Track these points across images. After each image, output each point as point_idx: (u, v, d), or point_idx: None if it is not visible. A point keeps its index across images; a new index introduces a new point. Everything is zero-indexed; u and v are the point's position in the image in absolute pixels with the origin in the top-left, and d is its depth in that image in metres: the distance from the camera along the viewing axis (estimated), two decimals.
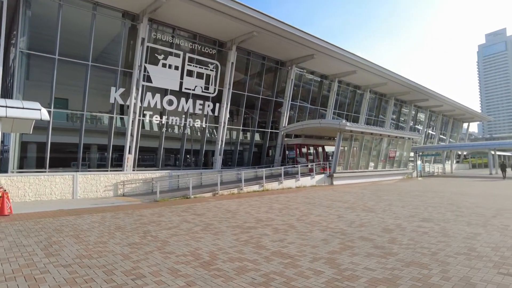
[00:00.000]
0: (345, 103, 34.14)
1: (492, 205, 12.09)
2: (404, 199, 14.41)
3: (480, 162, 62.25)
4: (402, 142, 30.53)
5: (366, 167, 26.69)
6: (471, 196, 15.46)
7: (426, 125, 48.23)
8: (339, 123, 22.81)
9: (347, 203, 12.94)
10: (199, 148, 22.98)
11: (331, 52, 25.10)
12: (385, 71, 31.03)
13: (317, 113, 30.91)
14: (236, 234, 7.48)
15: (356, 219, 9.38)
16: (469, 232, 7.61)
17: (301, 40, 22.71)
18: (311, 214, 10.24)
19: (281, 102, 27.28)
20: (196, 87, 21.78)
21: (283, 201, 13.74)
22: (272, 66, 26.44)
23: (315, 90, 30.67)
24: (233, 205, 12.41)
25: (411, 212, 10.70)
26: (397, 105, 42.04)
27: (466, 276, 4.77)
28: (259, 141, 27.04)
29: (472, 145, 48.43)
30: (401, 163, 31.44)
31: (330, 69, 29.21)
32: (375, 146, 27.41)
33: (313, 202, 13.20)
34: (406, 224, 8.67)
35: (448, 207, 11.65)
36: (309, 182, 21.59)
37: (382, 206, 12.07)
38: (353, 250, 6.14)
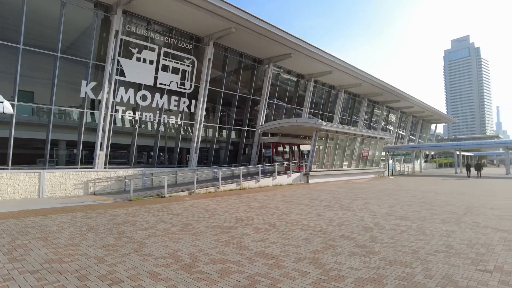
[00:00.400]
0: (320, 103, 34.55)
1: (462, 203, 12.56)
2: (379, 197, 14.70)
3: (445, 161, 65.27)
4: (374, 142, 31.32)
5: (340, 166, 27.14)
6: (441, 194, 16.03)
7: (397, 126, 49.81)
8: (316, 122, 23.01)
9: (324, 202, 13.02)
10: (174, 145, 22.44)
11: (308, 51, 25.25)
12: (360, 72, 31.66)
13: (293, 112, 31.07)
14: (216, 235, 7.26)
15: (335, 218, 9.41)
16: (445, 230, 7.80)
17: (279, 39, 22.66)
18: (290, 213, 10.17)
19: (258, 100, 27.16)
20: (171, 83, 21.21)
21: (261, 199, 13.62)
22: (250, 64, 26.26)
23: (292, 90, 30.81)
24: (211, 204, 12.15)
25: (387, 210, 10.90)
26: (370, 106, 43.08)
27: (447, 273, 4.83)
28: (236, 139, 26.81)
29: (440, 146, 50.63)
30: (373, 162, 32.26)
31: (306, 68, 29.42)
32: (349, 145, 27.93)
33: (291, 201, 13.18)
34: (384, 222, 8.78)
35: (422, 206, 11.98)
36: (286, 180, 21.63)
37: (359, 205, 12.23)
38: (336, 250, 6.10)
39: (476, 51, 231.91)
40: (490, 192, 16.97)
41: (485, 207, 11.44)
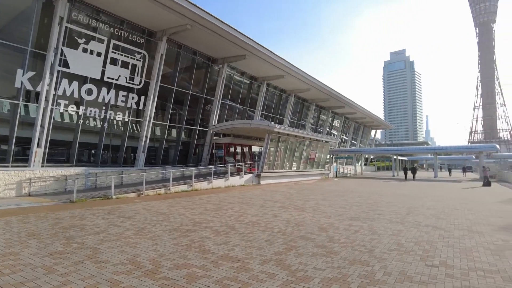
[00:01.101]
0: (272, 106, 35.19)
1: (403, 204, 13.58)
2: (328, 198, 15.33)
3: (383, 165, 70.31)
4: (321, 145, 32.67)
5: (290, 167, 27.86)
6: (384, 195, 17.19)
7: (341, 130, 52.53)
8: (268, 124, 23.36)
9: (278, 203, 13.24)
10: (120, 143, 21.29)
11: (263, 55, 25.57)
12: (310, 78, 32.85)
13: (245, 113, 31.23)
14: (175, 238, 6.98)
15: (291, 219, 9.60)
16: (393, 229, 8.35)
17: (234, 39, 22.63)
18: (247, 214, 10.17)
19: (210, 100, 26.83)
20: (120, 77, 20.11)
21: (215, 201, 13.44)
22: (204, 63, 25.86)
23: (245, 91, 30.95)
24: (163, 207, 11.69)
25: (338, 211, 11.39)
26: (317, 111, 44.90)
27: (402, 270, 5.17)
28: (186, 139, 26.19)
29: (379, 150, 54.45)
30: (319, 164, 33.62)
31: (260, 71, 29.77)
32: (298, 148, 28.79)
33: (246, 202, 13.19)
34: (338, 223, 9.15)
35: (369, 206, 12.72)
36: (238, 181, 21.64)
37: (311, 205, 12.63)
38: (298, 250, 6.21)
39: (411, 64, 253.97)
40: (425, 194, 18.59)
41: (423, 208, 12.49)
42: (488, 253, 6.24)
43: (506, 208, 12.83)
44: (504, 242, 7.11)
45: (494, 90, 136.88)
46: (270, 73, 30.18)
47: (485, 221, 9.63)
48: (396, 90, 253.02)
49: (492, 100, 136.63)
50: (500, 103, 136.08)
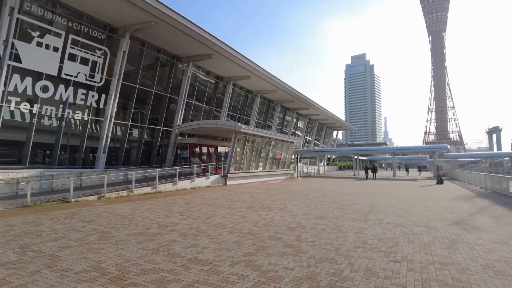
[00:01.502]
0: (238, 106, 35.15)
1: (365, 202, 14.11)
2: (294, 198, 15.57)
3: (344, 164, 72.76)
4: (286, 145, 33.16)
5: (256, 167, 27.99)
6: (346, 194, 17.77)
7: (304, 131, 53.64)
8: (235, 125, 23.30)
9: (246, 203, 13.24)
10: (79, 144, 20.24)
11: (230, 55, 25.44)
12: (276, 80, 33.21)
13: (211, 113, 30.93)
14: (141, 242, 6.74)
15: (260, 219, 9.64)
16: (357, 227, 8.65)
17: (201, 38, 22.31)
18: (215, 216, 10.06)
19: (175, 99, 26.27)
20: (79, 74, 19.11)
21: (181, 203, 13.17)
22: (168, 61, 25.26)
23: (210, 91, 30.63)
24: (126, 210, 11.25)
25: (304, 210, 11.61)
26: (282, 112, 45.51)
27: (368, 266, 5.37)
28: (150, 139, 25.46)
29: (341, 150, 56.28)
30: (285, 164, 34.11)
31: (226, 71, 29.62)
32: (264, 148, 28.99)
33: (213, 204, 13.06)
34: (304, 222, 9.32)
35: (333, 205, 13.08)
36: (204, 182, 21.37)
37: (278, 205, 12.77)
38: (267, 250, 6.24)
39: (371, 68, 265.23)
40: (385, 192, 19.45)
41: (384, 206, 13.06)
42: (443, 247, 6.65)
43: (456, 204, 13.75)
44: (457, 236, 7.61)
45: (445, 94, 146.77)
46: (237, 73, 30.14)
47: (439, 217, 10.26)
48: (356, 92, 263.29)
49: (443, 103, 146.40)
50: (450, 106, 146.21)
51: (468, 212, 11.55)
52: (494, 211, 12.12)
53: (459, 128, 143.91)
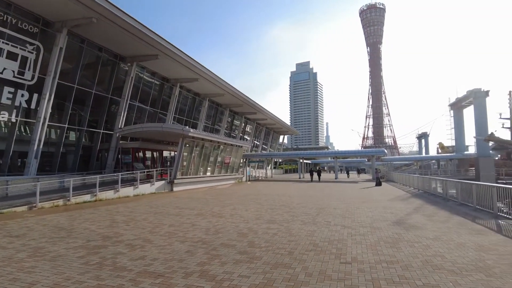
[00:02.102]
0: (185, 109, 34.31)
1: (312, 205, 14.53)
2: (244, 202, 15.51)
3: (290, 168, 74.78)
4: (235, 150, 33.12)
5: (204, 172, 27.49)
6: (294, 197, 18.17)
7: (253, 135, 54.12)
8: (183, 129, 22.64)
9: (195, 210, 12.86)
10: (5, 148, 18.16)
11: (177, 56, 24.74)
12: (225, 84, 33.07)
13: (156, 116, 29.78)
14: (82, 257, 6.13)
15: (210, 226, 9.39)
16: (307, 230, 8.82)
17: (146, 38, 21.40)
18: (163, 225, 9.59)
19: (117, 100, 24.85)
20: (5, 70, 17.19)
21: (125, 212, 12.37)
22: (110, 60, 23.83)
23: (156, 93, 29.51)
24: (63, 221, 10.26)
25: (255, 214, 11.59)
26: (230, 116, 45.45)
27: (321, 269, 5.48)
28: (88, 143, 23.74)
29: (288, 154, 57.76)
30: (233, 168, 34.02)
31: (173, 73, 28.77)
32: (213, 152, 28.61)
33: (160, 211, 12.47)
34: (256, 227, 9.28)
35: (282, 209, 13.25)
36: (149, 189, 20.40)
37: (229, 211, 12.59)
38: (221, 259, 6.06)
39: (314, 75, 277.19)
40: (329, 194, 20.25)
41: (330, 208, 13.55)
42: (388, 246, 7.04)
43: (394, 205, 14.76)
44: (398, 235, 8.12)
45: (381, 101, 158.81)
46: (184, 75, 29.42)
47: (381, 218, 10.90)
48: (301, 98, 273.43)
49: (380, 110, 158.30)
50: (386, 113, 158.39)
51: (406, 212, 12.43)
52: (426, 209, 13.21)
53: (393, 134, 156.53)
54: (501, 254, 6.41)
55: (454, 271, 5.32)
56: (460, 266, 5.61)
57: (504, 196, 10.77)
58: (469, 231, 8.77)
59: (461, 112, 50.66)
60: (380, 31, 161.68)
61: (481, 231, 8.75)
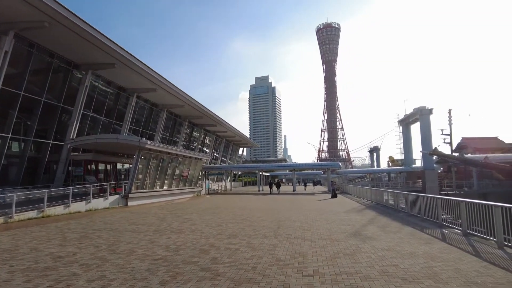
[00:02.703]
0: (141, 120, 33.27)
1: (273, 218, 14.65)
2: (204, 217, 15.25)
3: (249, 180, 74.99)
4: (194, 162, 32.57)
5: (161, 186, 26.65)
6: (254, 210, 18.20)
7: (212, 148, 53.66)
8: (139, 140, 21.87)
9: (152, 226, 12.40)
10: None
11: (134, 65, 24.03)
12: (184, 95, 32.62)
13: (111, 127, 28.54)
14: (31, 281, 5.63)
15: (170, 243, 9.10)
16: (269, 244, 8.88)
17: (102, 46, 20.60)
18: (120, 242, 9.12)
19: (70, 110, 23.48)
20: None
21: (77, 229, 11.60)
22: (63, 67, 22.56)
23: (111, 103, 28.34)
24: (5, 241, 9.36)
25: (216, 229, 11.43)
26: (189, 127, 44.79)
27: (285, 283, 5.55)
28: (35, 154, 22.08)
29: (247, 167, 57.87)
30: (192, 182, 33.35)
31: (130, 82, 27.87)
32: (171, 165, 27.88)
33: (116, 228, 11.85)
34: (218, 242, 9.16)
35: (243, 222, 13.22)
36: (102, 204, 19.33)
37: (188, 226, 12.30)
38: (184, 277, 5.90)
39: (273, 89, 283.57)
40: (288, 207, 20.56)
41: (290, 221, 13.76)
42: (347, 258, 7.30)
43: (351, 217, 15.35)
44: (356, 247, 8.46)
45: (336, 116, 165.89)
46: (142, 85, 28.61)
47: (339, 230, 11.28)
48: (260, 111, 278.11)
49: (334, 125, 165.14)
50: (340, 127, 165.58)
51: (361, 224, 12.98)
52: (380, 221, 13.90)
53: (347, 147, 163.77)
54: (446, 261, 6.97)
55: (407, 279, 5.68)
56: (412, 274, 6.00)
57: (448, 207, 11.69)
58: (419, 240, 9.37)
59: (409, 128, 54.45)
60: (335, 49, 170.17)
61: (429, 240, 9.40)
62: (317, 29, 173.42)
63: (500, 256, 7.46)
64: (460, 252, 7.92)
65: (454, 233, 10.44)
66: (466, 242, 9.06)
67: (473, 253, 7.82)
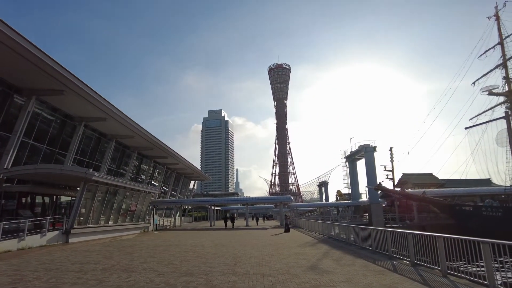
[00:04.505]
0: (87, 150, 31.33)
1: (228, 254, 14.25)
2: (155, 255, 14.40)
3: (199, 215, 72.77)
4: (143, 196, 31.04)
5: (106, 221, 24.86)
6: (208, 247, 17.56)
7: (162, 181, 51.73)
8: (86, 172, 20.48)
9: (99, 264, 11.40)
10: None
11: (85, 93, 22.87)
12: (135, 125, 31.54)
13: (53, 157, 26.44)
14: None
15: (122, 283, 8.41)
16: (228, 281, 8.58)
17: (51, 71, 19.48)
18: (62, 284, 8.21)
19: (6, 136, 21.47)
20: None
21: (9, 271, 10.24)
22: (3, 91, 20.83)
23: (55, 131, 26.47)
24: None
25: (170, 268, 10.81)
26: (138, 159, 43.01)
27: None
28: None
29: (198, 201, 56.33)
30: (139, 217, 31.53)
31: (78, 110, 26.43)
32: (117, 199, 26.27)
33: (56, 268, 10.68)
34: (174, 281, 8.66)
35: (197, 260, 12.67)
36: (38, 241, 17.43)
37: (139, 264, 11.52)
38: None
39: (226, 123, 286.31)
40: (242, 242, 20.19)
41: (246, 256, 13.48)
42: None
43: (305, 251, 15.49)
44: (315, 281, 8.53)
45: (286, 151, 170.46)
46: (91, 114, 27.21)
47: (296, 264, 11.29)
48: (212, 144, 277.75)
49: (285, 159, 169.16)
50: (290, 162, 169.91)
51: (316, 257, 13.14)
52: (333, 254, 14.19)
53: (297, 181, 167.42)
54: None
55: None
56: None
57: (396, 239, 12.32)
58: (373, 272, 9.70)
59: (354, 164, 57.57)
60: (285, 88, 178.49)
61: (382, 272, 9.76)
62: (269, 69, 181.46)
63: (445, 284, 7.99)
64: (411, 282, 8.33)
65: (403, 264, 10.97)
66: (415, 272, 9.55)
67: (422, 282, 8.31)
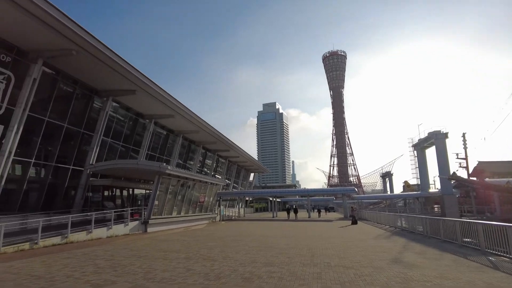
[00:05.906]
0: (157, 146, 33.33)
1: (301, 245, 14.10)
2: (229, 244, 14.78)
3: (260, 206, 73.87)
4: (210, 188, 32.21)
5: (179, 212, 26.24)
6: (278, 237, 17.63)
7: (224, 173, 53.33)
8: (160, 166, 21.76)
9: (181, 253, 11.99)
10: None
11: (154, 92, 24.25)
12: (201, 121, 32.77)
13: (128, 153, 28.55)
14: None
15: (208, 271, 8.69)
16: (312, 272, 8.41)
17: (125, 73, 20.89)
18: (155, 270, 8.74)
19: (90, 135, 23.63)
20: None
21: (105, 256, 11.23)
22: (85, 94, 22.93)
23: (129, 128, 28.52)
24: (37, 268, 9.06)
25: (248, 257, 10.96)
26: (203, 153, 44.73)
27: None
28: (55, 180, 21.97)
29: (261, 192, 57.16)
30: (208, 208, 32.84)
31: (148, 108, 28.15)
32: (188, 191, 27.57)
33: (144, 255, 11.45)
34: (257, 270, 8.72)
35: (272, 250, 12.70)
36: (122, 230, 18.98)
37: (218, 253, 11.88)
38: None
39: (280, 115, 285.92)
40: (311, 234, 19.90)
41: (320, 248, 13.19)
42: (402, 286, 6.84)
43: (381, 243, 14.76)
44: (404, 274, 8.01)
45: (345, 142, 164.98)
46: (160, 112, 28.85)
47: (377, 257, 10.75)
48: (268, 137, 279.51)
49: (344, 150, 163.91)
50: (349, 152, 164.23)
51: (396, 250, 12.44)
52: (413, 247, 13.33)
53: (357, 172, 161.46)
54: None
55: None
56: None
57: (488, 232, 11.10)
58: (468, 268, 8.88)
59: (423, 152, 53.54)
60: (342, 76, 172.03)
61: (480, 268, 8.87)
62: (323, 57, 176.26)
63: None
64: None
65: (502, 261, 9.83)
66: None
67: None
